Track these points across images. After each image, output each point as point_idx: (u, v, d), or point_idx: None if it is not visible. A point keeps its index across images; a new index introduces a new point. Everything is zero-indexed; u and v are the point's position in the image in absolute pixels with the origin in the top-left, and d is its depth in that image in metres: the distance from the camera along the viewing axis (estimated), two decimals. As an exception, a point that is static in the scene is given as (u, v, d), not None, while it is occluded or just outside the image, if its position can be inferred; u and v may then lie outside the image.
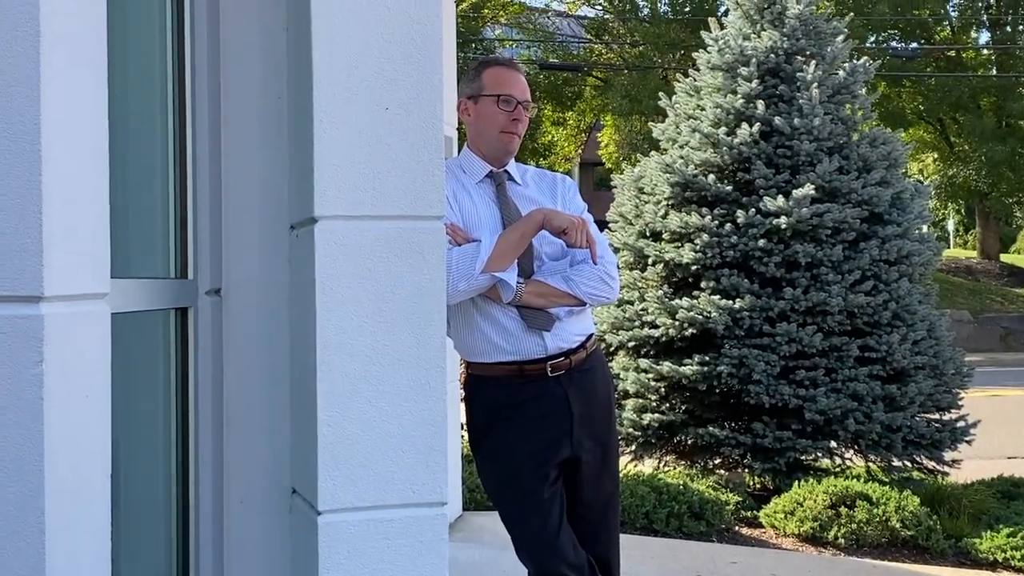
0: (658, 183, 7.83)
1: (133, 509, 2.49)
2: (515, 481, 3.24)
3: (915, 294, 7.49)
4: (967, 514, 6.57)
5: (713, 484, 7.03)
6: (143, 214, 2.55)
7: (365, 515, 2.35)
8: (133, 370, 2.46)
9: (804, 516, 6.38)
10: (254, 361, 2.60)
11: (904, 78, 27.40)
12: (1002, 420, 12.16)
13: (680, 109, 8.29)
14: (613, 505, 3.45)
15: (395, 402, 2.37)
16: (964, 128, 27.29)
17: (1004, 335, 23.14)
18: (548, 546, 3.19)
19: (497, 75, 3.36)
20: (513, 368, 3.26)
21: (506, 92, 3.33)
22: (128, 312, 2.27)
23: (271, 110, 2.58)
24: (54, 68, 1.89)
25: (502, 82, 3.35)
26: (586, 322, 3.40)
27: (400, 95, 2.38)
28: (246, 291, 2.60)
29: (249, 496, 2.60)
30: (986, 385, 14.73)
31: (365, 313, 2.35)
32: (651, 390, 7.40)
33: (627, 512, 6.32)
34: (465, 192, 3.31)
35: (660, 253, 7.59)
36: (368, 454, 2.35)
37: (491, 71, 3.38)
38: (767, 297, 7.22)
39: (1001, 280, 26.28)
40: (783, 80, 7.83)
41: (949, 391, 7.58)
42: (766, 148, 7.55)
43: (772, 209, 7.24)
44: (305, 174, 2.36)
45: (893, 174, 7.77)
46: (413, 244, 2.39)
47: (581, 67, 29.06)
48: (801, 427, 7.08)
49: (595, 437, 3.33)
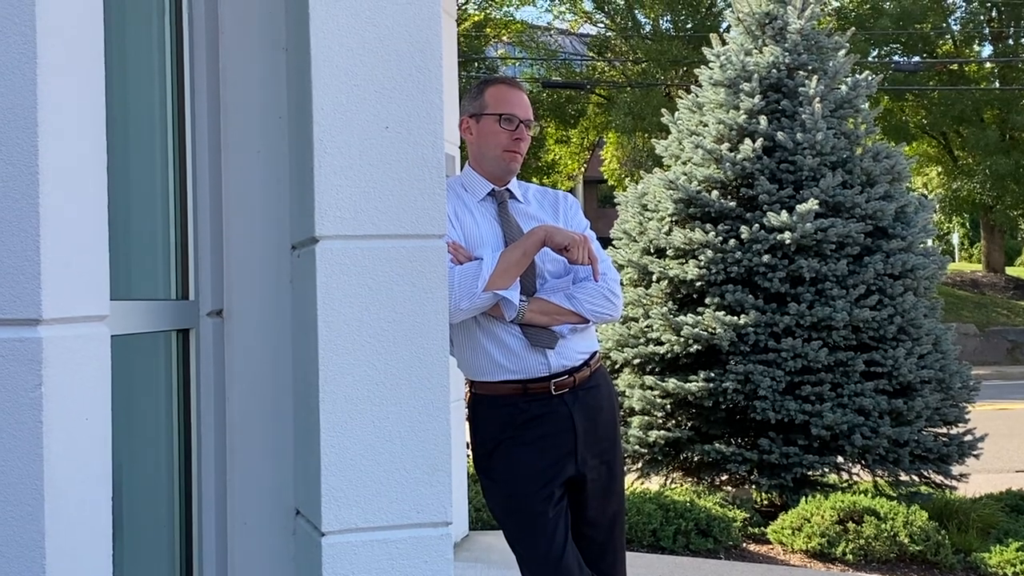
0: (662, 200, 7.82)
1: (136, 532, 2.48)
2: (519, 502, 3.22)
3: (920, 308, 7.47)
4: (976, 528, 6.54)
5: (720, 501, 7.01)
6: (143, 235, 2.54)
7: (369, 536, 2.33)
8: (134, 392, 2.45)
9: (812, 532, 6.36)
10: (256, 382, 2.59)
11: (907, 92, 27.41)
12: (1010, 433, 12.12)
13: (683, 125, 8.30)
14: (619, 523, 3.43)
15: (398, 422, 2.35)
16: (968, 141, 27.29)
17: (1011, 348, 23.08)
18: (553, 567, 3.17)
19: (499, 94, 3.36)
20: (516, 387, 3.25)
21: (508, 111, 3.32)
22: (128, 334, 2.26)
23: (271, 130, 2.57)
24: (51, 91, 1.89)
25: (504, 101, 3.34)
26: (590, 340, 3.38)
27: (400, 114, 2.37)
28: (248, 312, 2.59)
29: (252, 518, 2.59)
30: (993, 399, 14.70)
31: (367, 333, 2.34)
32: (657, 407, 7.38)
33: (634, 530, 6.29)
34: (466, 210, 3.31)
35: (664, 270, 7.58)
36: (371, 474, 2.34)
37: (493, 89, 3.37)
38: (772, 313, 7.20)
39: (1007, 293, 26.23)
40: (785, 95, 7.84)
41: (956, 405, 7.56)
42: (769, 163, 7.55)
43: (776, 224, 7.23)
44: (306, 194, 2.35)
45: (897, 188, 7.77)
46: (415, 263, 2.38)
47: (584, 85, 29.10)
48: (808, 442, 7.06)
49: (600, 455, 3.32)
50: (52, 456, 1.88)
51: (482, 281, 3.13)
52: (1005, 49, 28.76)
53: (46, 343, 1.86)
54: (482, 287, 3.13)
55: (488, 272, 3.14)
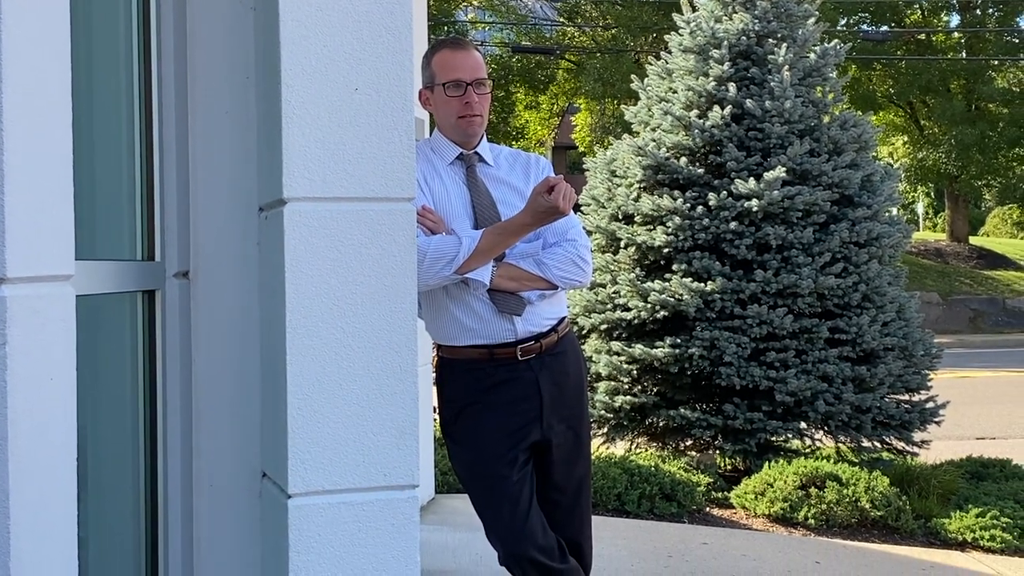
0: (630, 166, 7.83)
1: (100, 493, 2.47)
2: (484, 466, 3.23)
3: (885, 276, 7.53)
4: (936, 494, 6.62)
5: (684, 466, 7.06)
6: (109, 196, 2.52)
7: (336, 498, 2.34)
8: (99, 353, 2.44)
9: (774, 497, 6.42)
10: (223, 344, 2.58)
11: (874, 61, 27.50)
12: (971, 401, 12.27)
13: (652, 92, 8.29)
14: (585, 488, 3.45)
15: (366, 385, 2.36)
16: (934, 111, 27.42)
17: (973, 317, 23.34)
18: (518, 530, 3.18)
19: (443, 60, 3.29)
20: (483, 352, 3.25)
21: (453, 78, 3.25)
22: (94, 295, 2.25)
23: (239, 91, 2.55)
24: (15, 48, 1.86)
25: (448, 67, 3.27)
26: (558, 305, 3.38)
27: (370, 76, 2.36)
28: (215, 274, 2.58)
29: (218, 480, 2.59)
30: (955, 367, 14.88)
31: (335, 296, 2.33)
32: (623, 373, 7.41)
33: (599, 494, 6.34)
34: (435, 174, 3.29)
35: (632, 236, 7.59)
36: (338, 437, 2.34)
37: (438, 57, 3.30)
38: (738, 279, 7.24)
39: (970, 263, 26.47)
40: (754, 63, 7.84)
41: (918, 372, 7.64)
42: (737, 131, 7.57)
43: (743, 192, 7.25)
44: (274, 155, 2.34)
45: (863, 157, 7.80)
46: (384, 226, 2.37)
47: (554, 50, 28.97)
48: (771, 408, 7.12)
49: (566, 420, 3.33)
50: (16, 416, 1.87)
51: (456, 264, 3.12)
52: (972, 19, 28.87)
53: (10, 302, 1.85)
54: (455, 269, 3.12)
55: (465, 256, 3.12)
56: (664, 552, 5.51)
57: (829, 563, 5.54)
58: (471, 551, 5.14)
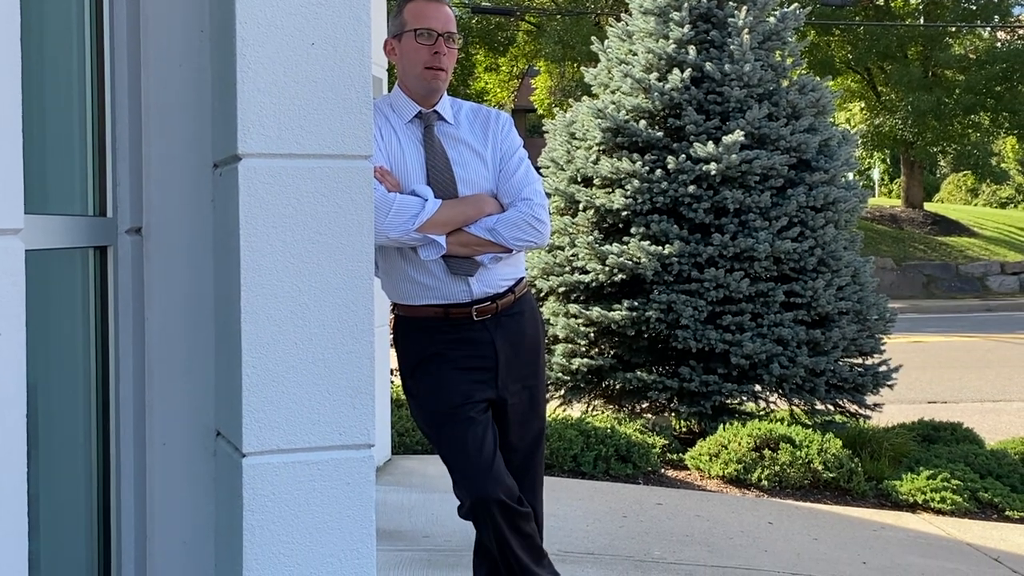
0: (590, 128, 7.81)
1: (51, 451, 2.45)
2: (443, 416, 3.25)
3: (840, 240, 7.58)
4: (888, 457, 6.71)
5: (640, 428, 7.10)
6: (59, 149, 2.47)
7: (290, 457, 2.33)
8: (50, 309, 2.40)
9: (728, 458, 6.48)
10: (177, 302, 2.55)
11: (833, 26, 27.55)
12: (923, 365, 12.43)
13: (612, 54, 8.26)
14: (539, 448, 3.46)
15: (321, 343, 2.34)
16: (891, 77, 27.54)
17: (926, 283, 23.58)
18: (485, 470, 3.19)
19: (416, 9, 3.29)
20: (438, 310, 3.25)
21: (425, 25, 3.25)
22: (44, 249, 2.21)
23: (193, 44, 2.51)
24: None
25: (421, 16, 3.27)
26: (516, 267, 3.38)
27: (327, 30, 2.32)
28: (168, 230, 2.54)
29: (172, 439, 2.56)
30: (908, 331, 15.04)
31: (290, 253, 2.31)
32: (580, 335, 7.43)
33: (555, 455, 6.37)
34: (392, 132, 3.27)
35: (591, 199, 7.59)
36: (293, 396, 2.32)
37: (411, 6, 3.30)
38: (696, 243, 7.26)
39: (924, 228, 26.70)
40: (715, 26, 7.83)
41: (872, 336, 7.71)
42: (697, 94, 7.57)
43: (702, 155, 7.26)
44: (228, 110, 2.31)
45: (821, 121, 7.83)
46: (340, 183, 2.35)
47: (514, 11, 28.81)
48: (727, 371, 7.17)
49: (522, 380, 3.34)
50: (-36, 372, 1.84)
51: (420, 221, 3.13)
52: (931, -15, 28.98)
53: (-43, 256, 1.81)
54: (417, 226, 3.12)
55: (427, 217, 3.14)
56: (619, 512, 5.55)
57: (782, 524, 5.61)
58: (427, 511, 5.14)
